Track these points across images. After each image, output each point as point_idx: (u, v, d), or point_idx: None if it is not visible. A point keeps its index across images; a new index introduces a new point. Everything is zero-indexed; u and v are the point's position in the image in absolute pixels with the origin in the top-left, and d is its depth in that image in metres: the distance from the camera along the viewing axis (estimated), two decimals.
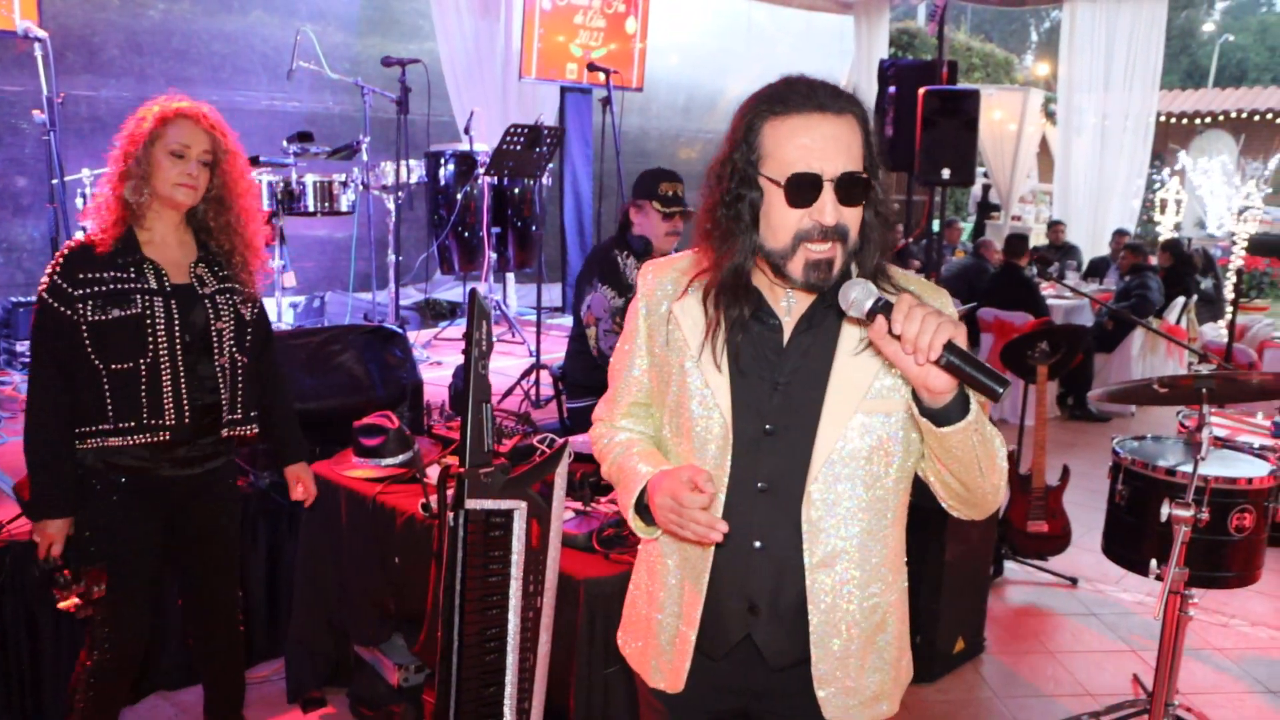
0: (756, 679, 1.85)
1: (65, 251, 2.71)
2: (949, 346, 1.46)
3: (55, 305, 2.65)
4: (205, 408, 2.82)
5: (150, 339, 2.70)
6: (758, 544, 1.77)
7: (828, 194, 1.62)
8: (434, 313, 8.33)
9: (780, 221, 1.65)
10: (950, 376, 1.49)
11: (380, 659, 3.59)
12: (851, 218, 1.65)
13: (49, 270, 2.68)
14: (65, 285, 2.65)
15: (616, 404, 2.02)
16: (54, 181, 3.96)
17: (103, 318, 2.65)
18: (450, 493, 2.49)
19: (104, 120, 7.23)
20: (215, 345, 2.83)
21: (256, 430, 3.00)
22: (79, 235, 2.79)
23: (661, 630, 1.91)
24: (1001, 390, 1.43)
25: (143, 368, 2.70)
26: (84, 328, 2.65)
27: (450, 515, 2.52)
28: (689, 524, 1.69)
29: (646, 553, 1.97)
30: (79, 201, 5.20)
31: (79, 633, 3.42)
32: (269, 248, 5.96)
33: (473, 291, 2.45)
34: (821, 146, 1.62)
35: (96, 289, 2.66)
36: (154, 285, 2.72)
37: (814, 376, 1.73)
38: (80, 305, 2.64)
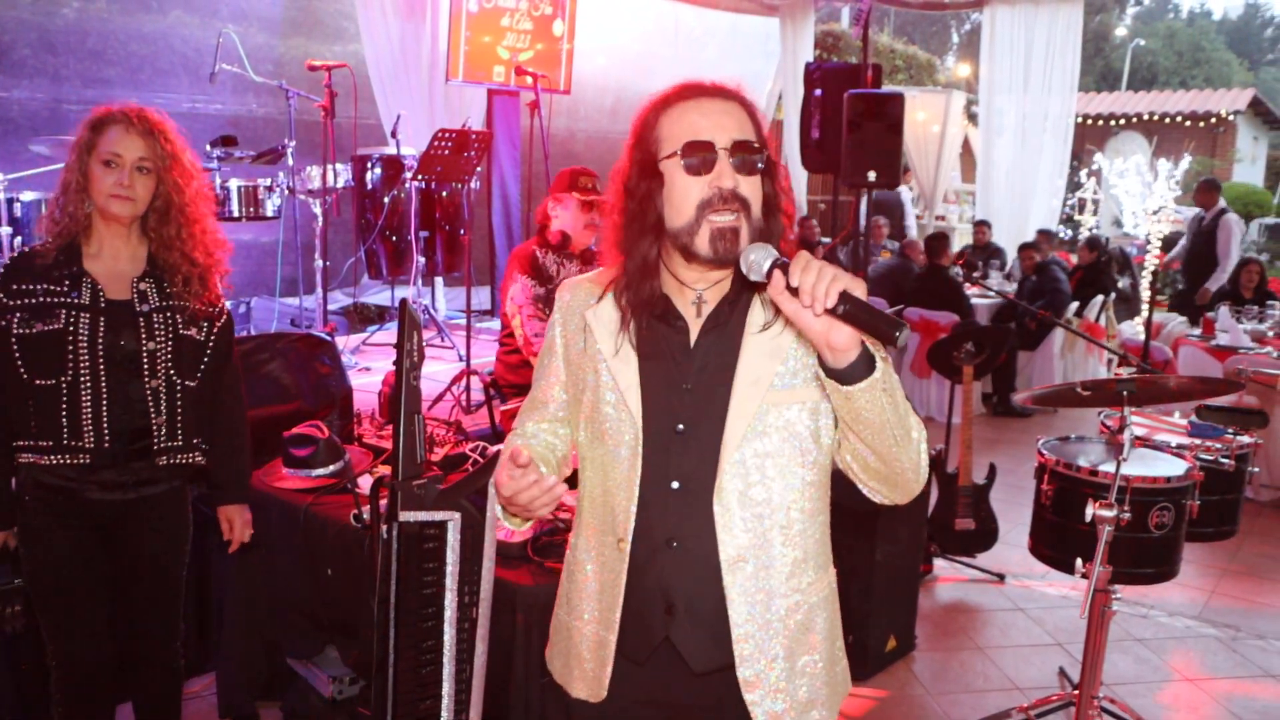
0: (680, 686, 1.84)
1: (9, 259, 2.63)
2: (844, 295, 1.48)
3: None
4: (133, 432, 2.69)
5: (71, 356, 2.59)
6: (674, 544, 1.78)
7: (723, 160, 1.68)
8: (362, 317, 8.22)
9: (682, 195, 1.70)
10: (851, 329, 1.51)
11: (314, 671, 3.54)
12: (750, 189, 1.70)
13: None
14: (1, 295, 2.57)
15: (530, 414, 2.02)
16: None
17: (28, 331, 2.56)
18: (383, 504, 2.47)
19: (16, 122, 7.03)
20: (146, 366, 2.68)
21: (201, 459, 2.86)
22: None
23: (582, 638, 1.91)
24: (900, 334, 1.45)
25: (64, 386, 2.59)
26: (14, 340, 2.57)
27: (383, 527, 2.50)
28: (525, 495, 1.68)
29: (568, 561, 1.98)
30: None
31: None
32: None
33: (403, 301, 2.43)
34: (712, 120, 1.71)
35: (28, 301, 2.57)
36: (85, 301, 2.61)
37: (720, 374, 1.75)
38: (11, 316, 2.56)
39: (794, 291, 1.52)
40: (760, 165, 1.72)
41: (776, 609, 1.78)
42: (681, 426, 1.77)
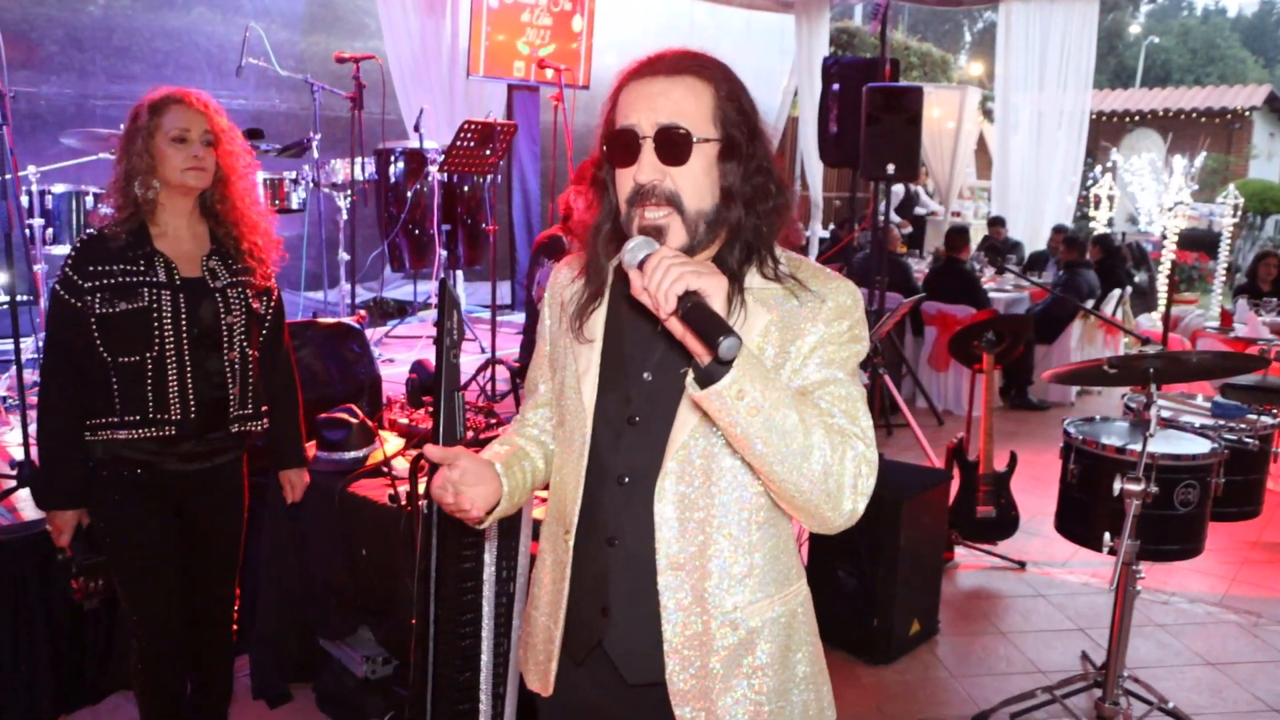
0: (615, 695, 1.73)
1: (78, 244, 2.70)
2: (686, 297, 1.39)
3: (66, 297, 2.64)
4: (213, 403, 2.79)
5: (156, 333, 2.68)
6: (615, 542, 1.67)
7: (646, 150, 1.56)
8: (382, 312, 8.30)
9: (619, 186, 1.61)
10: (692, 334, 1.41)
11: (347, 652, 3.59)
12: (683, 179, 1.56)
13: (64, 262, 2.68)
14: (76, 277, 2.64)
15: (526, 400, 1.97)
16: (6, 177, 3.91)
17: (110, 310, 2.64)
18: (422, 481, 2.52)
19: (44, 118, 7.12)
20: (225, 340, 2.80)
21: (266, 425, 2.99)
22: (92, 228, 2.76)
23: (536, 627, 1.83)
24: (721, 341, 1.35)
25: (149, 362, 2.68)
26: (93, 320, 2.64)
27: (423, 503, 2.55)
28: (439, 494, 1.66)
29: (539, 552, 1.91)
30: (24, 200, 5.13)
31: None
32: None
33: (442, 281, 2.48)
34: (643, 103, 1.57)
35: (105, 281, 2.64)
36: (163, 279, 2.69)
37: (680, 364, 1.56)
38: (89, 297, 2.63)
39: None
40: (688, 152, 1.55)
41: (713, 624, 1.64)
42: (638, 418, 1.65)
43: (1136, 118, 22.51)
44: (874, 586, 4.04)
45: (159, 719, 2.95)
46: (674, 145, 1.55)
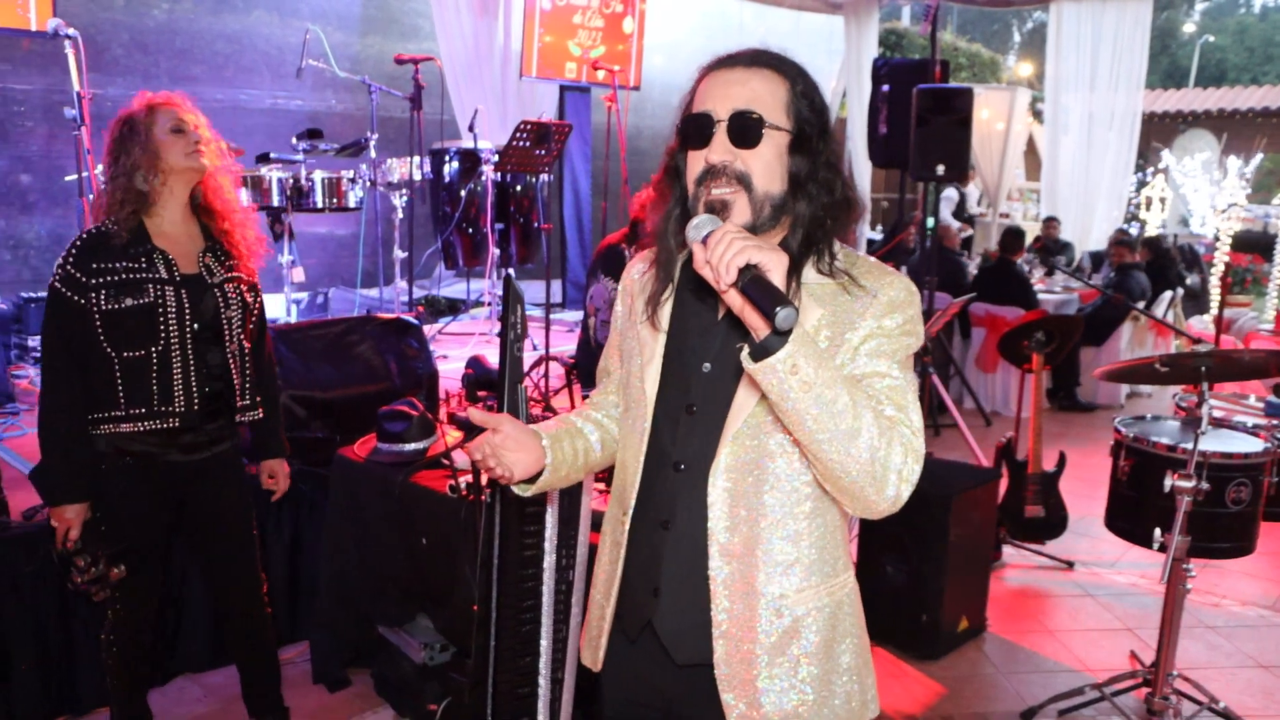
0: (666, 675, 1.79)
1: (78, 242, 2.75)
2: (746, 270, 1.43)
3: (68, 294, 2.70)
4: (213, 395, 2.90)
5: (162, 328, 2.76)
6: (668, 526, 1.74)
7: (719, 133, 1.63)
8: (434, 309, 8.42)
9: (690, 169, 1.68)
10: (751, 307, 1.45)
11: (404, 639, 3.68)
12: (754, 162, 1.62)
13: (62, 260, 2.73)
14: (78, 274, 2.70)
15: (599, 384, 2.04)
16: (84, 175, 4.05)
17: (115, 306, 2.72)
18: (485, 475, 2.59)
19: (109, 119, 7.28)
20: (225, 334, 2.90)
21: (262, 414, 3.08)
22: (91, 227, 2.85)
23: (594, 603, 1.92)
24: (778, 312, 1.38)
25: (154, 356, 2.77)
26: (97, 316, 2.71)
27: (486, 492, 2.63)
28: (472, 453, 1.78)
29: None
30: (91, 198, 5.29)
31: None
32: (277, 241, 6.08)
33: (507, 277, 2.55)
34: (720, 90, 1.65)
35: (109, 278, 2.72)
36: (164, 275, 2.78)
37: (737, 355, 1.56)
38: (93, 294, 2.70)
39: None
40: (759, 136, 1.62)
41: (759, 610, 1.68)
42: (695, 407, 1.71)
43: (1190, 118, 22.18)
44: (923, 582, 4.08)
45: (127, 698, 3.08)
46: (746, 129, 1.61)
